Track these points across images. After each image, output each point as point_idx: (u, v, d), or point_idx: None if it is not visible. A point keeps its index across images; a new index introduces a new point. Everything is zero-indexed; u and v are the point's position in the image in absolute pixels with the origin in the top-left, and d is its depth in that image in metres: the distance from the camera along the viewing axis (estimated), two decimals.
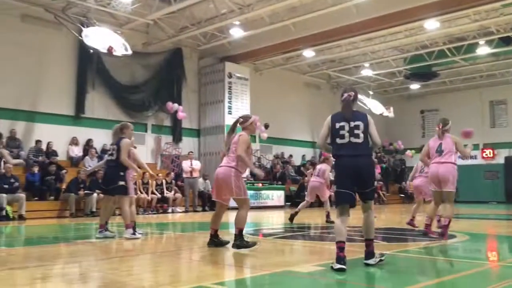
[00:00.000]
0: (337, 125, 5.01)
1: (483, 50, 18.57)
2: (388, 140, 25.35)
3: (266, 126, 19.02)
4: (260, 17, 15.63)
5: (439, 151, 7.15)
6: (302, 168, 20.58)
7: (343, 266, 4.53)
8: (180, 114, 17.43)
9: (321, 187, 10.33)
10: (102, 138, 15.06)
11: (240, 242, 6.04)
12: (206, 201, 15.96)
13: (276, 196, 18.14)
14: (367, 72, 22.13)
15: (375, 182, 5.16)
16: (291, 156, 21.71)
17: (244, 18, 15.44)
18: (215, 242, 6.35)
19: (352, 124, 4.95)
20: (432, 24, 15.86)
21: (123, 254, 6.26)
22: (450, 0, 13.19)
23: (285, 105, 21.48)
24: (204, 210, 15.69)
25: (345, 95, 5.14)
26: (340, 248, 4.63)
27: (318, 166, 10.66)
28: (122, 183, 7.26)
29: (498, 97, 25.11)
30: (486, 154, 25.10)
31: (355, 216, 5.92)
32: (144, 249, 6.79)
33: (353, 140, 4.90)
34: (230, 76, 18.64)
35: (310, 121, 22.84)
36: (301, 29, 16.13)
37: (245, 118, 6.53)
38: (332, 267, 4.60)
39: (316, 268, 4.88)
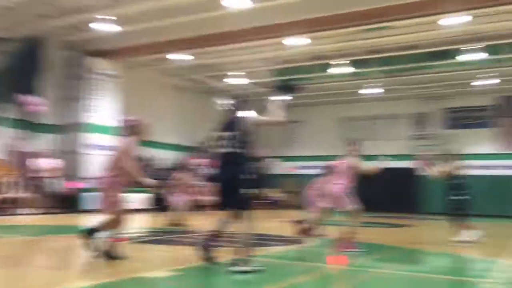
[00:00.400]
0: (218, 134, 5.31)
1: (341, 69, 20.12)
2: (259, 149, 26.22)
3: None
4: (132, 14, 15.13)
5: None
6: (169, 172, 20.29)
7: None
8: (37, 108, 16.06)
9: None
10: None
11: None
12: (63, 202, 14.93)
13: (140, 199, 17.66)
14: (237, 80, 22.65)
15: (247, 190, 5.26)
16: (156, 159, 21.34)
17: (114, 13, 14.79)
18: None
19: (228, 134, 5.23)
20: (298, 41, 16.80)
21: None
22: (314, 20, 14.08)
23: (153, 107, 21.04)
24: (57, 212, 14.65)
25: (233, 102, 5.55)
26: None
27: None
28: None
29: (352, 114, 27.44)
30: None
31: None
32: None
33: (231, 150, 5.16)
34: (95, 72, 17.72)
35: (178, 124, 22.70)
36: (174, 31, 15.98)
37: (135, 121, 5.85)
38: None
39: (168, 273, 4.83)
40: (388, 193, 25.09)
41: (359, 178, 7.59)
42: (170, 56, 19.24)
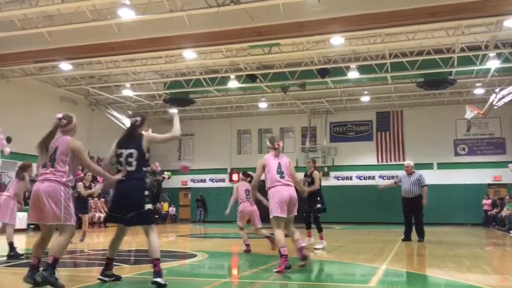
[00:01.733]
0: (118, 151, 5.22)
1: (233, 83, 20.58)
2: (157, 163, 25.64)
3: (9, 140, 17.02)
4: (9, 20, 14.09)
5: (280, 172, 6.58)
6: None
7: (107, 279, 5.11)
8: None
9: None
10: None
11: (49, 274, 4.66)
12: None
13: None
14: (127, 92, 22.07)
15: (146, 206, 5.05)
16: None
17: None
18: (39, 277, 4.72)
19: (127, 151, 5.16)
20: (189, 54, 16.88)
21: None
22: (205, 34, 14.24)
23: (36, 119, 19.60)
24: None
25: (132, 119, 5.41)
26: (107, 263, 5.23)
27: None
28: None
29: (244, 127, 28.11)
30: (233, 178, 27.70)
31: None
32: None
33: (128, 168, 5.12)
34: None
35: None
36: (58, 39, 15.17)
37: (70, 119, 5.42)
38: None
39: None
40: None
41: None
42: (55, 65, 18.20)
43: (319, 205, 9.57)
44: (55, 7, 13.19)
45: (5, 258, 7.73)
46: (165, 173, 25.95)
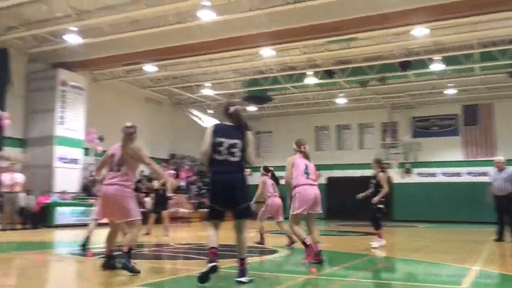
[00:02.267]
0: (217, 140, 4.98)
1: (310, 80, 20.46)
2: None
3: (101, 139, 18.17)
4: (100, 26, 15.01)
5: (307, 173, 6.98)
6: (139, 184, 20.05)
7: (216, 264, 4.70)
8: (4, 122, 15.66)
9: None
10: None
11: (127, 261, 5.36)
12: (27, 218, 14.55)
13: None
14: (207, 91, 22.69)
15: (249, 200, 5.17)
16: None
17: (81, 25, 14.64)
18: (111, 264, 5.66)
19: (231, 141, 4.97)
20: (267, 52, 17.00)
21: None
22: (283, 31, 14.29)
23: (123, 119, 20.46)
24: (24, 228, 14.26)
25: (232, 108, 5.11)
26: (212, 253, 4.79)
27: None
28: None
29: (322, 123, 27.85)
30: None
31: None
32: None
33: (230, 158, 4.94)
34: (63, 84, 17.43)
35: (149, 136, 22.43)
36: (144, 42, 15.90)
37: (136, 128, 6.01)
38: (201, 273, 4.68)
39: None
40: (362, 202, 25.46)
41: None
42: (140, 67, 19.15)
43: (381, 206, 9.17)
44: (141, 12, 13.82)
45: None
46: (248, 170, 26.39)
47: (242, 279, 4.87)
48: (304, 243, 6.58)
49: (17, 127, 16.97)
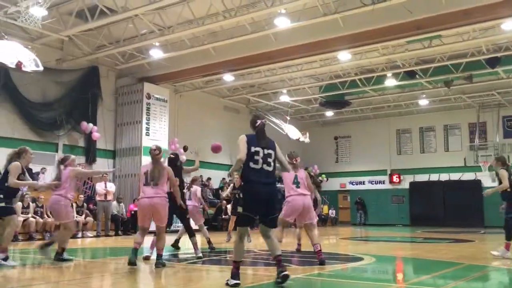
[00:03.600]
0: (253, 149, 5.14)
1: (390, 82, 19.87)
2: (303, 165, 26.16)
3: (185, 149, 18.81)
4: (180, 40, 15.64)
5: (296, 183, 7.45)
6: (220, 191, 20.56)
7: (238, 281, 4.90)
8: (95, 134, 16.79)
9: (195, 211, 10.06)
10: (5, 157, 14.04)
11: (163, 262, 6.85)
12: (119, 225, 15.42)
13: None
14: (284, 98, 22.80)
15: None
16: (209, 179, 21.64)
17: (164, 40, 15.37)
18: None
19: (266, 151, 5.18)
20: (344, 56, 16.76)
21: (27, 284, 5.83)
22: (360, 34, 14.01)
23: (204, 128, 21.46)
24: (117, 235, 15.12)
25: (259, 122, 5.34)
26: (237, 267, 5.02)
27: (192, 189, 10.63)
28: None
29: (404, 126, 26.93)
30: (394, 180, 26.69)
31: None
32: (49, 277, 6.37)
33: (265, 167, 5.13)
34: (148, 97, 18.33)
35: (229, 144, 22.86)
36: (221, 53, 16.33)
37: (160, 150, 7.05)
38: (227, 284, 4.91)
39: None
40: (449, 207, 24.26)
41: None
42: (219, 77, 19.67)
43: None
44: (219, 24, 14.23)
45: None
46: (323, 176, 26.18)
47: (286, 272, 5.00)
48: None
49: (108, 139, 18.10)
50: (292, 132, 22.75)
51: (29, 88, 15.28)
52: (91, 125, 16.62)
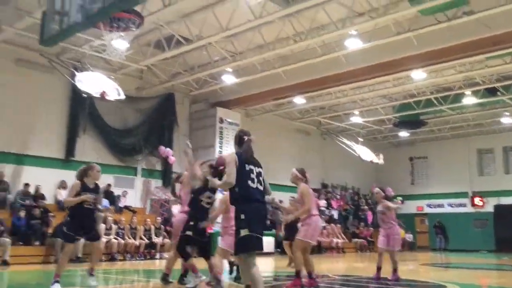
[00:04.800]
0: (247, 167, 4.84)
1: (469, 100, 18.98)
2: (377, 186, 25.48)
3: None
4: (251, 65, 15.97)
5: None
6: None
7: None
8: (171, 158, 17.42)
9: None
10: None
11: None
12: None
13: (266, 242, 17.87)
14: (356, 119, 22.46)
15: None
16: (281, 201, 21.58)
17: (236, 65, 15.77)
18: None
19: (257, 170, 4.92)
20: (418, 74, 16.28)
21: None
22: (435, 52, 13.56)
23: (275, 151, 21.58)
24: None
25: (246, 138, 5.08)
26: None
27: None
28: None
29: (486, 145, 25.50)
30: (476, 202, 25.21)
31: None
32: None
33: (259, 186, 4.87)
34: (221, 121, 18.81)
35: (300, 166, 22.85)
36: (292, 76, 16.46)
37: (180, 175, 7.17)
38: None
39: None
40: None
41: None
42: (290, 100, 19.79)
43: None
44: (289, 48, 14.40)
45: None
46: (398, 198, 25.25)
47: None
48: (298, 272, 6.86)
49: (183, 164, 18.67)
50: (365, 153, 22.29)
51: (111, 116, 16.24)
52: (168, 149, 17.28)
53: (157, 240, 14.87)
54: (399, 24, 12.87)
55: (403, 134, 25.74)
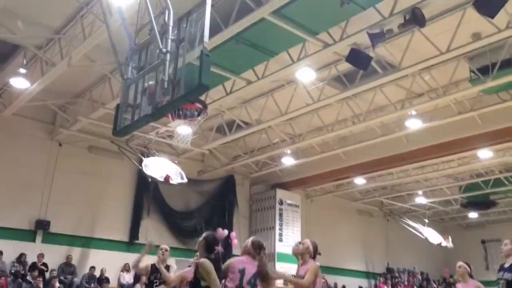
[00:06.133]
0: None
1: None
2: (448, 272, 23.80)
3: (319, 254, 18.44)
4: (310, 146, 16.10)
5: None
6: None
7: None
8: (234, 242, 17.34)
9: None
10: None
11: None
12: None
13: None
14: (421, 199, 21.64)
15: None
16: (344, 287, 20.64)
17: (295, 147, 15.96)
18: None
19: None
20: (485, 153, 15.69)
21: None
22: (501, 131, 13.12)
23: (337, 233, 20.98)
24: None
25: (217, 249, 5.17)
26: None
27: None
28: None
29: None
30: None
31: None
32: None
33: None
34: (281, 203, 18.75)
35: (364, 249, 22.07)
36: (351, 157, 16.37)
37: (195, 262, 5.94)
38: None
39: None
40: None
41: None
42: (350, 181, 19.53)
43: None
44: (348, 129, 14.46)
45: None
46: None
47: None
48: None
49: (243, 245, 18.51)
50: (433, 236, 21.16)
51: (174, 199, 16.65)
52: (226, 231, 17.29)
53: None
54: (461, 103, 12.69)
55: (473, 215, 24.36)
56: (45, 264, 13.38)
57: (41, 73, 11.28)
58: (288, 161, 16.85)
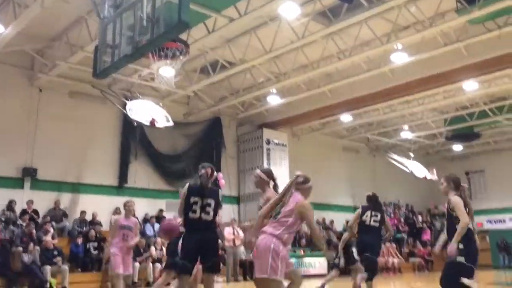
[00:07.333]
0: (192, 199, 5.46)
1: None
2: (433, 203, 24.56)
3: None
4: (296, 85, 15.96)
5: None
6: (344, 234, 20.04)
7: None
8: (222, 182, 17.54)
9: None
10: (143, 207, 15.27)
11: None
12: (247, 270, 15.64)
13: (319, 263, 17.58)
14: (406, 134, 21.89)
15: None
16: (332, 222, 21.24)
17: (280, 86, 15.81)
18: None
19: (207, 201, 5.51)
20: (470, 85, 15.72)
21: None
22: (487, 61, 13.07)
23: (324, 170, 21.27)
24: (245, 280, 15.33)
25: (203, 171, 5.61)
26: None
27: None
28: None
29: None
30: None
31: None
32: None
33: (204, 216, 5.47)
34: (268, 142, 18.83)
35: (351, 185, 22.51)
36: (337, 94, 16.33)
37: (306, 179, 4.89)
38: None
39: None
40: None
41: None
42: (336, 118, 19.58)
43: None
44: (333, 66, 14.30)
45: None
46: None
47: None
48: None
49: (232, 185, 18.78)
50: (418, 169, 21.57)
51: (161, 142, 16.61)
52: (220, 173, 17.46)
53: None
54: (447, 35, 12.54)
55: (457, 147, 24.80)
56: (35, 212, 13.45)
57: (14, 15, 10.81)
58: (274, 100, 16.75)
